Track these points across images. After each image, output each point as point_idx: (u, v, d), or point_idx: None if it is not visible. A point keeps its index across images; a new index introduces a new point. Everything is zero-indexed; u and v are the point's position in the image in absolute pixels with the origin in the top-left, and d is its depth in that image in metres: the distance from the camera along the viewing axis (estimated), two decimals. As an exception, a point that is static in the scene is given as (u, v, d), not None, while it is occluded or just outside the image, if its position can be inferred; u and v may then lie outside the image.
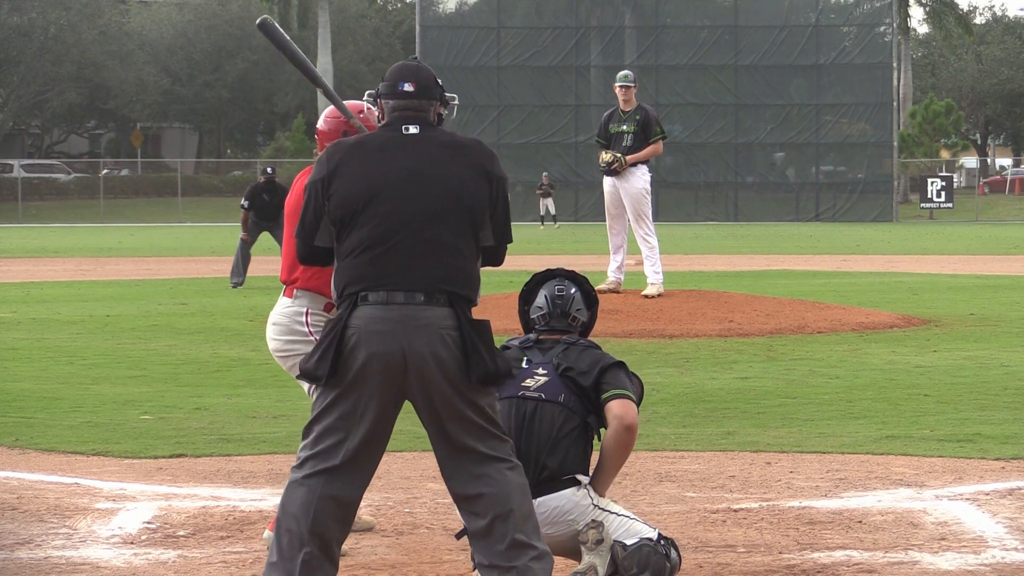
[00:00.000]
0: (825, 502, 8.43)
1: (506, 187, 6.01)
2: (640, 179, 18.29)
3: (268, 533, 7.30)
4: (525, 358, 6.76)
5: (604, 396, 6.61)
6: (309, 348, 7.22)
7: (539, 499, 6.44)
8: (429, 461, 8.96)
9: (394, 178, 5.86)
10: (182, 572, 7.03)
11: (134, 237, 52.13)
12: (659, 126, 18.54)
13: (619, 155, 18.19)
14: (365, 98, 6.85)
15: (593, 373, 6.64)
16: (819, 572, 6.95)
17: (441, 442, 5.87)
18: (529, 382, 6.66)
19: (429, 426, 5.86)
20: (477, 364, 5.76)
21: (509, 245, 6.07)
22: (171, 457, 9.96)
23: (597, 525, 6.43)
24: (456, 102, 6.27)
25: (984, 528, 7.78)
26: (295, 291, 7.45)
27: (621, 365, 6.71)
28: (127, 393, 12.94)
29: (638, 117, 18.36)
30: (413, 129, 5.96)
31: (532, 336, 6.89)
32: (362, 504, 8.03)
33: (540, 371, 6.69)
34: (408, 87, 6.00)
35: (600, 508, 6.56)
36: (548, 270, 7.09)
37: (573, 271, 7.11)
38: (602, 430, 6.64)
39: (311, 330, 7.35)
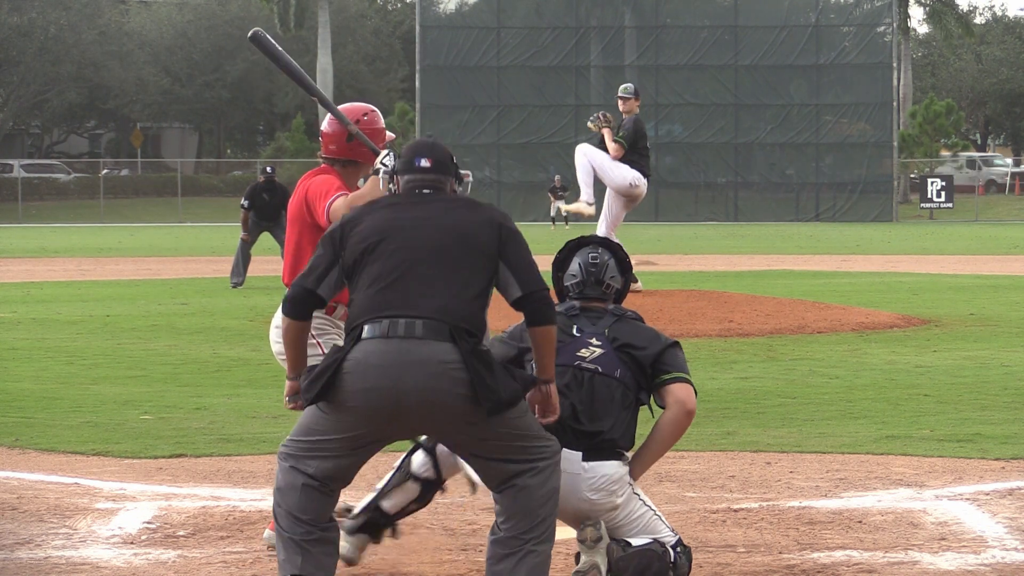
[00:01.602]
0: (825, 502, 8.43)
1: (520, 239, 6.04)
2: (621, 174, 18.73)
3: (268, 532, 7.31)
4: (575, 326, 6.72)
5: (664, 377, 6.60)
6: (312, 350, 7.24)
7: (591, 463, 6.45)
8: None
9: (404, 223, 6.02)
10: (182, 572, 7.03)
11: (134, 237, 52.12)
12: (622, 132, 19.16)
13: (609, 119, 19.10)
14: (382, 174, 7.02)
15: (652, 351, 6.62)
16: (819, 572, 6.95)
17: (465, 458, 6.09)
18: (584, 352, 6.63)
19: (448, 446, 6.04)
20: (487, 395, 5.80)
21: (547, 287, 6.04)
22: (171, 457, 9.97)
23: (595, 523, 6.43)
24: (470, 179, 6.40)
25: (984, 528, 7.78)
26: None
27: (677, 345, 6.70)
28: (127, 393, 12.94)
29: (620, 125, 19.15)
30: (427, 191, 6.15)
31: (576, 304, 6.84)
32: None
33: (595, 342, 6.65)
34: (424, 163, 6.18)
35: (636, 492, 6.57)
36: (581, 237, 7.06)
37: (606, 238, 7.07)
38: (653, 408, 6.63)
39: (313, 332, 7.35)
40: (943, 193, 69.46)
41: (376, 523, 6.80)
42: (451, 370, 5.79)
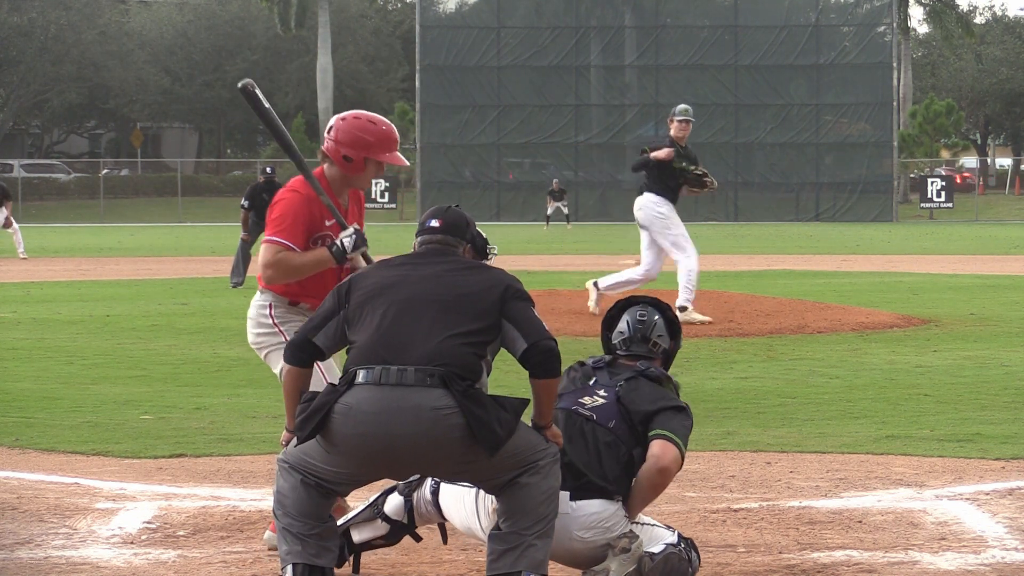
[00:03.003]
0: (825, 502, 8.43)
1: (525, 299, 6.08)
2: (665, 209, 18.09)
3: (269, 534, 7.31)
4: (594, 378, 6.79)
5: (650, 434, 6.61)
6: (276, 338, 7.37)
7: (579, 502, 6.47)
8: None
9: (409, 279, 6.12)
10: (182, 572, 7.03)
11: (134, 237, 52.12)
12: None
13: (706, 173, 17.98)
14: (334, 252, 7.10)
15: (648, 409, 6.64)
16: (819, 572, 6.95)
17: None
18: (586, 400, 6.69)
19: (443, 480, 6.18)
20: (485, 437, 5.86)
21: (554, 348, 6.05)
22: (171, 457, 9.96)
23: (633, 536, 6.44)
24: (495, 252, 6.45)
25: (984, 528, 7.78)
26: (261, 289, 7.49)
27: (679, 409, 6.70)
28: (127, 393, 12.93)
29: (693, 155, 18.23)
30: (438, 249, 6.27)
31: (607, 357, 6.91)
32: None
33: (601, 392, 6.72)
34: (434, 223, 6.32)
35: (631, 523, 6.58)
36: (632, 296, 7.15)
37: (657, 299, 7.14)
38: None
39: (275, 321, 7.40)
40: (943, 193, 69.47)
41: (339, 546, 6.85)
42: (445, 416, 5.85)
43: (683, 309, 17.32)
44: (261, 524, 7.88)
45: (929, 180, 70.31)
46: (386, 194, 70.95)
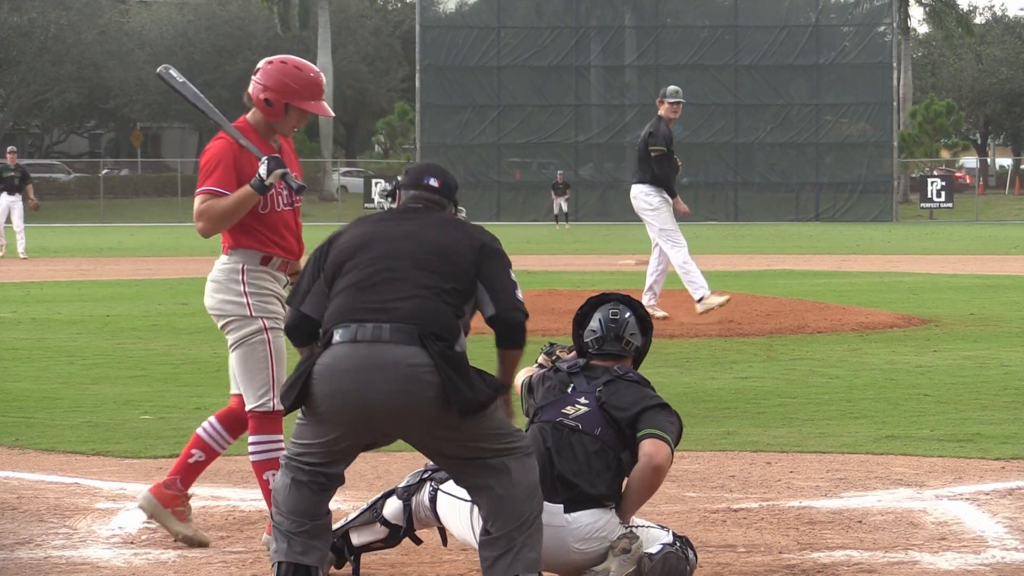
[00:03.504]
0: (825, 502, 8.43)
1: (501, 260, 6.05)
2: (656, 202, 18.11)
3: (266, 536, 7.31)
4: (571, 384, 6.75)
5: (639, 435, 6.59)
6: (241, 310, 7.26)
7: (573, 515, 6.45)
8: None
9: (387, 233, 6.07)
10: (182, 572, 7.03)
11: (134, 237, 52.11)
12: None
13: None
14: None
15: (632, 411, 6.62)
16: (819, 572, 6.95)
17: (437, 461, 6.11)
18: (569, 410, 6.66)
19: (421, 450, 6.03)
20: (456, 397, 5.79)
21: (523, 319, 6.02)
22: (171, 457, 9.94)
23: (633, 536, 6.43)
24: (463, 215, 6.42)
25: (984, 528, 7.78)
26: (230, 249, 7.37)
27: (663, 407, 6.68)
28: (127, 393, 12.93)
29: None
30: (419, 205, 6.22)
31: (581, 361, 6.87)
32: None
33: (582, 400, 6.68)
34: (433, 182, 6.27)
35: (625, 526, 6.57)
36: (603, 294, 7.09)
37: (628, 295, 7.09)
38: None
39: (246, 289, 7.29)
40: (943, 193, 69.47)
41: (339, 548, 6.85)
42: (421, 373, 5.80)
43: (700, 300, 17.47)
44: (261, 524, 7.89)
45: (929, 180, 70.30)
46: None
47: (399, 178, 6.39)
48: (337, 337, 5.89)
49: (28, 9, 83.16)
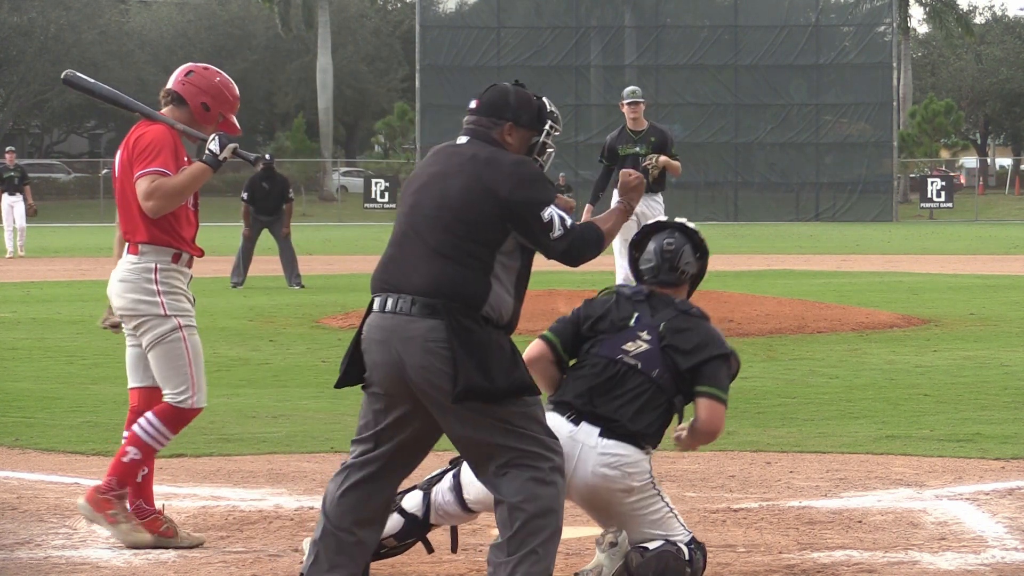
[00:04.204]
0: (825, 502, 8.43)
1: (526, 208, 5.86)
2: (661, 207, 16.93)
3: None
4: (636, 314, 6.68)
5: (697, 389, 6.57)
6: (155, 309, 7.26)
7: (607, 440, 6.43)
8: (430, 461, 8.95)
9: (421, 180, 6.00)
10: (182, 572, 7.03)
11: (134, 237, 52.04)
12: (673, 147, 17.19)
13: (651, 160, 16.73)
14: (207, 160, 7.04)
15: (694, 359, 6.56)
16: (819, 572, 6.95)
17: (455, 443, 6.02)
18: (630, 346, 6.60)
19: (445, 430, 5.97)
20: (462, 377, 5.74)
21: (571, 246, 5.96)
22: (171, 457, 9.96)
23: (618, 531, 6.42)
24: (557, 130, 6.23)
25: (984, 528, 7.78)
26: (139, 247, 7.35)
27: (725, 357, 6.62)
28: (127, 393, 12.91)
29: (653, 139, 17.03)
30: (462, 139, 6.09)
31: (644, 289, 6.79)
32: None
33: (644, 335, 6.61)
34: (473, 104, 6.19)
35: (655, 485, 6.54)
36: (659, 221, 7.02)
37: (683, 222, 7.00)
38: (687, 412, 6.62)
39: (159, 288, 7.29)
40: (943, 193, 69.45)
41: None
42: (438, 348, 5.78)
43: None
44: (261, 524, 7.89)
45: (929, 180, 70.30)
46: (386, 194, 70.87)
47: None
48: (374, 306, 5.95)
49: (28, 9, 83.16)
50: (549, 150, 6.11)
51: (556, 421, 6.42)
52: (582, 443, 6.38)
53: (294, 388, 13.28)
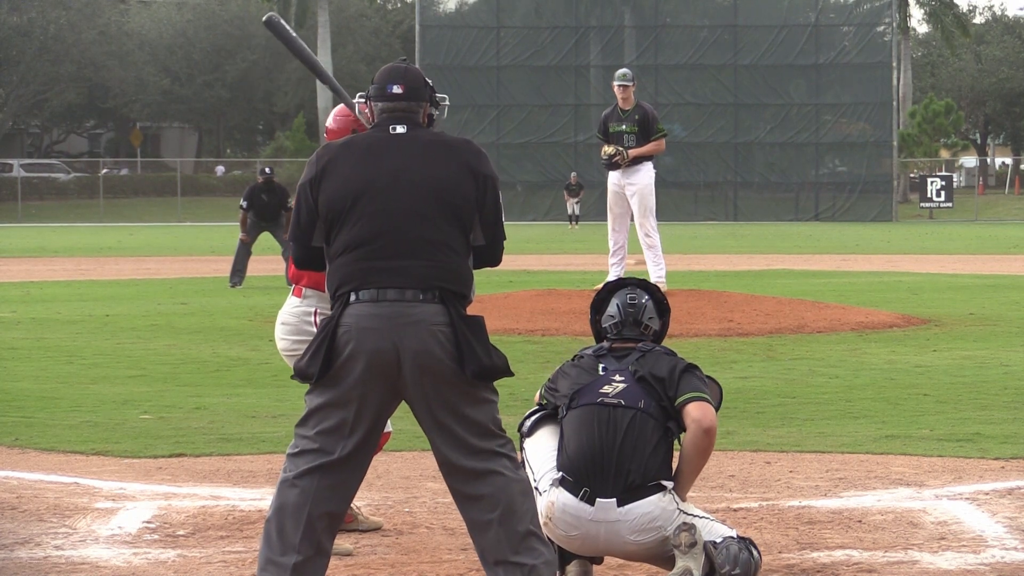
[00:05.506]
0: (825, 502, 8.43)
1: (496, 185, 5.97)
2: (646, 174, 18.60)
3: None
4: (601, 365, 6.74)
5: (679, 400, 6.58)
6: None
7: (627, 507, 6.43)
8: (429, 461, 8.96)
9: (380, 178, 5.89)
10: (182, 572, 7.03)
11: (134, 237, 52.12)
12: (659, 124, 18.74)
13: (621, 148, 18.40)
14: (357, 99, 6.76)
15: (671, 377, 6.62)
16: (819, 572, 6.95)
17: (439, 439, 5.86)
18: (607, 388, 6.63)
19: (425, 422, 5.86)
20: (471, 359, 5.75)
21: (504, 243, 6.06)
22: (171, 457, 9.96)
23: (689, 527, 6.39)
24: (447, 103, 6.24)
25: (984, 528, 7.78)
26: (303, 290, 7.48)
27: (694, 368, 6.69)
28: (127, 393, 12.93)
29: (637, 116, 18.52)
30: (400, 129, 5.98)
31: (605, 344, 6.87)
32: (364, 504, 8.04)
33: (617, 378, 6.66)
34: (396, 89, 6.03)
35: (685, 512, 6.53)
36: (620, 279, 7.12)
37: (644, 280, 7.11)
38: (682, 435, 6.61)
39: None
40: (943, 193, 69.47)
41: None
42: (440, 332, 5.77)
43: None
44: (260, 523, 7.88)
45: (929, 180, 70.31)
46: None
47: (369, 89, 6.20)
48: (356, 298, 5.80)
49: (28, 9, 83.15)
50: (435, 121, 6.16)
51: (571, 503, 6.43)
52: (604, 521, 6.38)
53: (294, 388, 13.26)
